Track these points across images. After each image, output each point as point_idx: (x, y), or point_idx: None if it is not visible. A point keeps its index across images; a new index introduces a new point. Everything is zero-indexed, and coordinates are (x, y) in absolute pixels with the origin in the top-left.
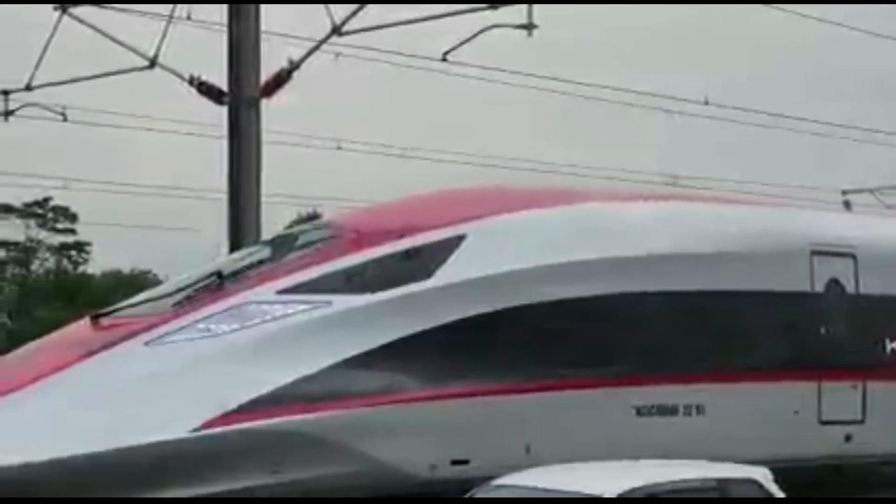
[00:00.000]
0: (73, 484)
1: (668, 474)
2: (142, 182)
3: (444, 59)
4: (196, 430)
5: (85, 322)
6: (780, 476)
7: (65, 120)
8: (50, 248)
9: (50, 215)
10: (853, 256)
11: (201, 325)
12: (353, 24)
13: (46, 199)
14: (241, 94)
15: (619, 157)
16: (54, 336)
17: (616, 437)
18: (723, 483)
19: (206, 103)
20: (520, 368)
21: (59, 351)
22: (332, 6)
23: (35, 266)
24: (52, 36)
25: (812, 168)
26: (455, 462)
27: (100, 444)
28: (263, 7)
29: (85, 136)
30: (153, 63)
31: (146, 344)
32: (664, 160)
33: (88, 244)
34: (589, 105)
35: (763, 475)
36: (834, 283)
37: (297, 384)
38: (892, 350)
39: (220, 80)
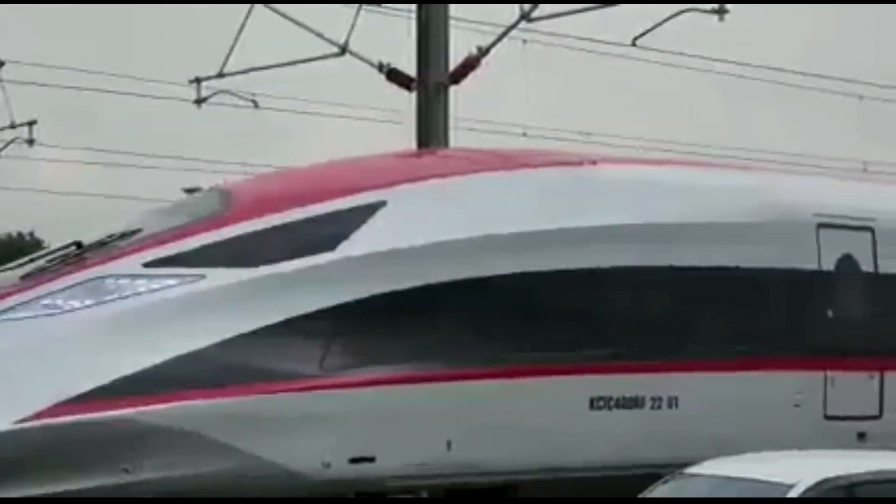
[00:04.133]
0: None
1: (863, 465)
2: None
3: (633, 45)
4: (21, 422)
5: None
6: None
7: (256, 107)
8: None
9: None
10: (871, 230)
11: (47, 301)
12: (541, 11)
13: None
14: (430, 81)
15: (808, 142)
16: None
17: (564, 434)
18: None
19: (396, 90)
20: (440, 354)
21: None
22: None
23: None
24: (243, 24)
25: None
26: (355, 460)
27: None
28: None
29: (275, 123)
30: (343, 50)
31: None
32: (855, 146)
33: None
34: (777, 90)
35: None
36: (846, 259)
37: (155, 370)
38: None
39: (409, 67)
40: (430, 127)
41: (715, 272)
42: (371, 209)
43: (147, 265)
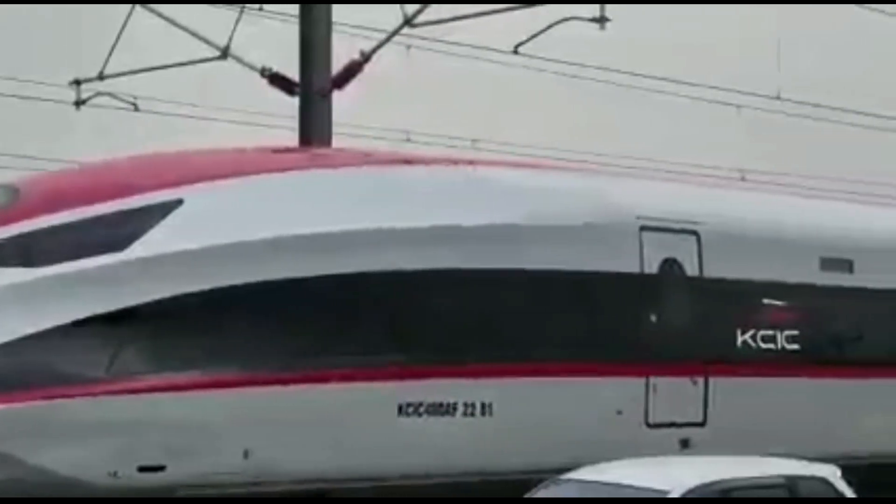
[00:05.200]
0: None
1: (735, 471)
2: None
3: (515, 52)
4: None
5: None
6: None
7: (136, 109)
8: None
9: None
10: (696, 234)
11: None
12: (425, 16)
13: None
14: (312, 86)
15: (687, 153)
16: None
17: (371, 441)
18: (791, 480)
19: (278, 94)
20: (235, 360)
21: None
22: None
23: None
24: (124, 25)
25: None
26: (144, 469)
27: None
28: None
29: (156, 126)
30: (225, 54)
31: None
32: (732, 156)
33: None
34: (657, 99)
35: (832, 473)
36: (670, 263)
37: None
38: (744, 341)
39: (293, 72)
40: (313, 131)
41: (534, 275)
42: (166, 208)
43: None
